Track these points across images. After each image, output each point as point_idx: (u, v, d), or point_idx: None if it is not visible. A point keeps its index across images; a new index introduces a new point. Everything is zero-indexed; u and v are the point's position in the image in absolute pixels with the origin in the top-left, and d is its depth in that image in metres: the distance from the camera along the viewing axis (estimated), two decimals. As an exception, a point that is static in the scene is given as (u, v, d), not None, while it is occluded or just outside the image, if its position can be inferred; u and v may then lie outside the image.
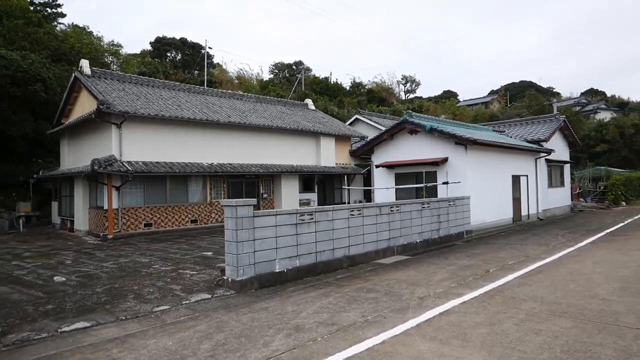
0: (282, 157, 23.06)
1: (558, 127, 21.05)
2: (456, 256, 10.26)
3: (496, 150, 16.19)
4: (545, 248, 10.95)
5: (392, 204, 11.03)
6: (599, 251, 10.16)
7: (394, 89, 71.45)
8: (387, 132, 16.31)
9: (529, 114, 47.79)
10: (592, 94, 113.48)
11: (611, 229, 14.49)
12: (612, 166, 45.94)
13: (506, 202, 16.88)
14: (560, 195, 22.13)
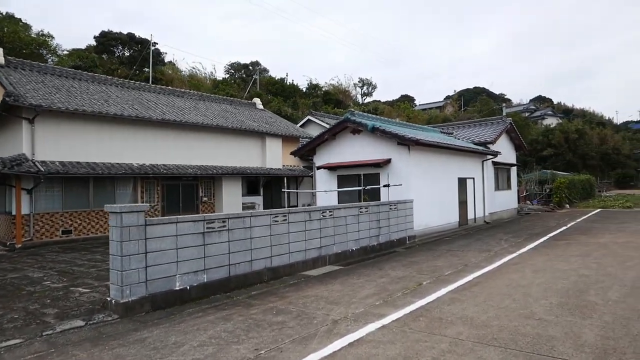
0: (224, 158, 21.70)
1: (504, 129, 20.89)
2: (392, 266, 9.39)
3: (441, 151, 15.62)
4: (487, 255, 10.29)
5: (324, 208, 10.04)
6: (540, 258, 9.58)
7: (350, 92, 71.24)
8: (329, 132, 15.37)
9: (480, 118, 48.53)
10: (540, 101, 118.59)
11: (554, 233, 14.17)
12: (557, 169, 47.42)
13: (452, 205, 16.34)
14: (507, 198, 22.01)
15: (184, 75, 56.45)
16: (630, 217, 18.96)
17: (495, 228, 16.64)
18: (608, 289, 6.51)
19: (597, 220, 17.98)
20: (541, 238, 13.02)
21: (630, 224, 16.12)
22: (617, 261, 8.78)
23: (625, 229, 14.56)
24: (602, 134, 62.06)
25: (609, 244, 11.17)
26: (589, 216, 20.17)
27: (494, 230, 15.93)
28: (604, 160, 60.25)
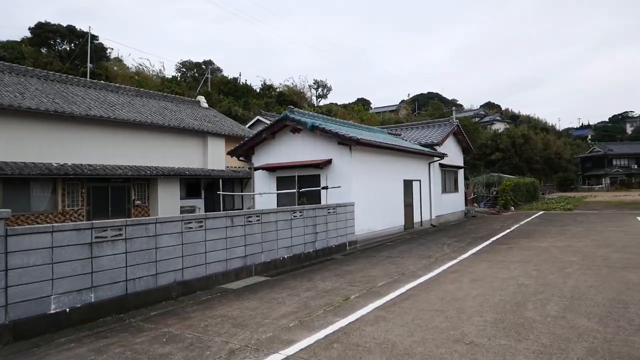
0: (160, 158, 20.21)
1: (451, 131, 20.70)
2: (323, 276, 8.52)
3: (386, 152, 15.01)
4: (427, 262, 9.64)
5: (250, 213, 9.04)
6: (481, 264, 9.03)
7: (305, 93, 70.50)
8: (267, 130, 14.38)
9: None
10: (490, 107, 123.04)
11: (497, 236, 13.87)
12: (505, 173, 48.68)
13: (397, 208, 15.77)
14: (454, 200, 21.85)
15: (131, 72, 53.74)
16: (570, 219, 19.18)
17: (440, 232, 16.22)
18: (547, 302, 5.92)
19: (539, 223, 18.01)
20: (484, 242, 12.61)
21: (571, 226, 16.16)
22: (557, 267, 8.34)
23: (566, 231, 14.50)
24: (545, 139, 64.60)
25: (550, 249, 10.84)
26: (532, 218, 20.30)
27: (439, 234, 15.49)
28: (547, 164, 62.75)
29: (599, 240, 11.96)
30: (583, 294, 6.31)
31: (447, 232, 15.78)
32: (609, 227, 15.41)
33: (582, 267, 8.24)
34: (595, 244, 11.30)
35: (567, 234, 13.70)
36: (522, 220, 19.35)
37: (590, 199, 35.58)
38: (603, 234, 13.37)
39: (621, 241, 11.68)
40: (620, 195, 39.97)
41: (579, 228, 15.38)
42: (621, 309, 5.45)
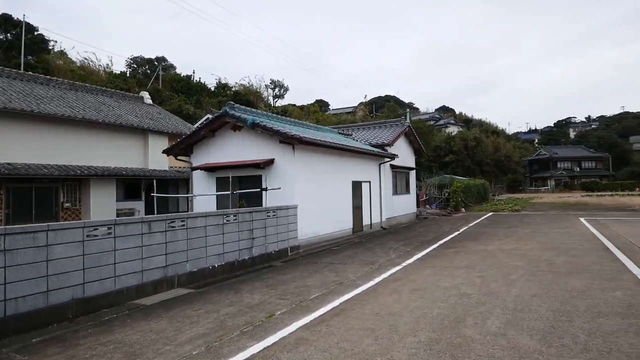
0: (95, 157, 18.66)
1: (402, 132, 20.39)
2: (254, 287, 7.70)
3: (333, 152, 14.37)
4: (369, 269, 9.02)
5: (173, 217, 8.07)
6: (425, 271, 8.50)
7: (262, 93, 69.25)
8: (207, 127, 13.36)
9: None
10: (444, 111, 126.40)
11: (445, 239, 13.53)
12: (458, 174, 49.57)
13: (345, 211, 15.16)
14: (406, 202, 21.57)
15: (75, 66, 50.66)
16: (518, 220, 19.31)
17: (390, 235, 15.76)
18: (489, 315, 5.38)
19: (488, 225, 17.97)
20: (432, 245, 12.20)
21: (518, 228, 16.15)
22: (502, 274, 7.92)
23: (512, 233, 14.39)
24: (496, 142, 66.61)
25: (496, 252, 10.52)
26: (481, 220, 20.32)
27: (388, 237, 15.02)
28: (497, 166, 64.67)
29: (545, 243, 11.81)
30: (526, 304, 5.84)
31: (396, 235, 15.34)
32: (554, 228, 15.48)
33: (527, 273, 7.86)
34: (541, 247, 11.11)
35: (514, 236, 13.56)
36: (471, 222, 19.28)
37: (537, 200, 36.66)
38: (548, 236, 13.31)
39: (565, 243, 11.58)
40: (564, 197, 41.53)
41: (525, 230, 15.35)
42: (565, 323, 4.98)
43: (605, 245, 10.92)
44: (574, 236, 13.05)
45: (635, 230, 14.01)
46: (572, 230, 14.76)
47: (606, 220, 17.98)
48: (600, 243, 11.43)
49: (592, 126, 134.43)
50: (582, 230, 14.49)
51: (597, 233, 13.54)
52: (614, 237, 12.42)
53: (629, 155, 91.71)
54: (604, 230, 14.34)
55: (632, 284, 6.79)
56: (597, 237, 12.56)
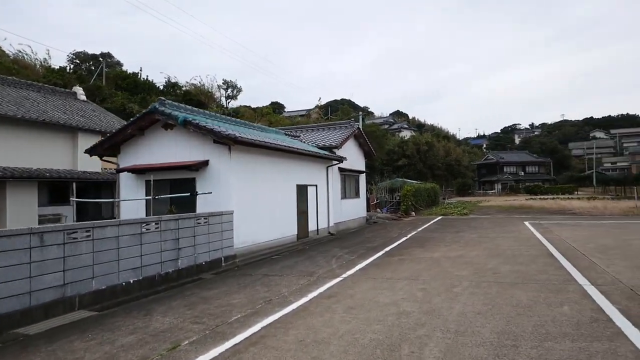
0: (13, 156, 16.78)
1: (352, 134, 19.84)
2: (170, 307, 6.68)
3: (276, 154, 13.50)
4: (306, 281, 8.21)
5: (74, 227, 6.90)
6: (365, 284, 7.80)
7: (214, 94, 67.20)
8: (134, 125, 12.09)
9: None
10: (398, 116, 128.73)
11: (392, 246, 12.99)
12: (410, 178, 50.01)
13: (289, 216, 14.31)
14: (355, 206, 21.02)
15: (7, 59, 46.85)
16: (465, 224, 19.22)
17: (336, 241, 15.07)
18: (427, 341, 4.69)
19: (436, 229, 17.70)
20: (377, 253, 11.58)
21: (465, 232, 15.94)
22: (446, 286, 7.34)
23: (459, 239, 14.08)
24: (447, 146, 68.08)
25: (441, 260, 10.02)
26: (430, 224, 20.10)
27: (334, 243, 14.31)
28: (448, 170, 66.11)
29: (491, 249, 11.49)
30: (469, 324, 5.22)
31: (342, 242, 14.66)
32: (501, 233, 15.36)
33: (472, 285, 7.33)
34: (487, 254, 10.75)
35: (460, 242, 13.22)
36: (420, 227, 18.98)
37: (485, 204, 37.42)
38: (495, 241, 13.07)
39: (511, 249, 11.30)
40: (510, 200, 42.75)
41: (472, 235, 15.12)
42: (511, 349, 4.37)
43: (549, 251, 10.71)
44: (520, 241, 12.87)
45: (576, 234, 14.08)
46: (518, 234, 14.67)
47: (549, 224, 18.20)
48: (545, 249, 11.24)
49: (535, 133, 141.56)
50: (527, 235, 14.42)
51: (542, 238, 13.46)
52: (557, 242, 12.32)
53: (568, 160, 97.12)
54: (547, 234, 14.33)
55: (578, 296, 6.37)
56: (542, 242, 12.42)
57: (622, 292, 6.52)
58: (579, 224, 18.06)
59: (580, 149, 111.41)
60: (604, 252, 10.43)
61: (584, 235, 13.95)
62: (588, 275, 7.73)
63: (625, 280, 7.25)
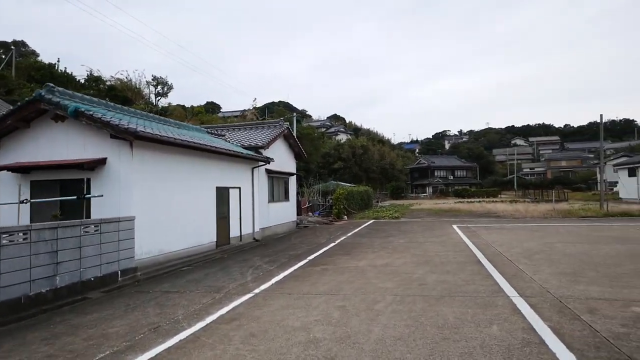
0: None
1: (280, 134, 18.81)
2: (24, 341, 5.25)
3: (192, 154, 12.14)
4: (210, 300, 7.04)
5: None
6: (277, 301, 6.77)
7: (143, 90, 63.28)
8: (14, 116, 10.17)
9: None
10: (336, 119, 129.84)
11: (318, 253, 12.11)
12: (346, 181, 49.86)
13: (207, 222, 12.97)
14: (284, 210, 19.99)
15: None
16: (396, 228, 18.87)
17: (260, 248, 13.94)
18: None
19: (366, 234, 17.12)
20: (300, 262, 10.62)
21: (394, 237, 15.46)
22: (367, 302, 6.51)
23: (388, 244, 13.51)
24: (381, 150, 69.17)
25: (367, 270, 9.26)
26: (361, 228, 19.55)
27: (257, 251, 13.18)
28: (383, 174, 67.16)
29: (419, 256, 10.95)
30: (388, 354, 4.36)
31: (266, 249, 13.56)
32: (429, 237, 15.04)
33: (396, 300, 6.56)
34: (415, 261, 10.16)
35: (389, 248, 12.63)
36: (350, 231, 18.34)
37: (416, 207, 37.93)
38: (423, 247, 12.61)
39: (439, 256, 10.82)
40: (440, 203, 43.85)
41: (401, 240, 14.65)
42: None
43: (477, 258, 10.33)
44: (448, 246, 12.51)
45: (502, 238, 14.05)
46: (446, 239, 14.39)
47: (476, 227, 18.29)
48: (472, 254, 10.87)
49: (463, 139, 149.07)
50: (455, 240, 14.17)
51: (469, 242, 13.22)
52: (484, 247, 12.08)
53: (492, 165, 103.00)
54: (475, 238, 14.17)
55: (508, 311, 5.77)
56: (470, 248, 12.12)
57: (552, 305, 6.03)
58: (504, 227, 18.32)
59: (503, 155, 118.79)
60: (530, 257, 10.22)
61: (509, 238, 13.94)
62: (516, 285, 7.26)
63: (553, 290, 6.84)
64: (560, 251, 10.99)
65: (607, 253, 10.48)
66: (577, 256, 10.15)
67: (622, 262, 9.17)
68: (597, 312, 5.59)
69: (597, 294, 6.59)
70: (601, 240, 12.96)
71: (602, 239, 13.23)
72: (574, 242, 12.57)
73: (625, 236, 13.76)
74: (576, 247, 11.67)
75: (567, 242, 12.60)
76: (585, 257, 9.93)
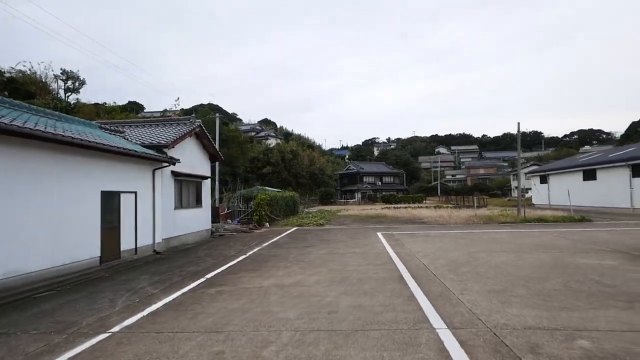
0: None
1: (191, 132, 16.74)
2: None
3: (68, 151, 9.88)
4: (42, 345, 5.09)
5: None
6: (133, 347, 4.98)
7: (50, 85, 57.10)
8: None
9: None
10: (267, 124, 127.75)
11: (221, 269, 10.32)
12: (274, 186, 48.12)
13: (84, 232, 10.67)
14: (196, 217, 17.88)
15: None
16: (318, 237, 17.52)
17: (156, 263, 11.86)
18: None
19: (285, 244, 15.56)
20: (195, 282, 8.80)
21: (314, 247, 14.07)
22: (255, 345, 4.92)
23: (305, 256, 12.04)
24: (311, 155, 68.27)
25: (270, 291, 7.67)
26: (281, 237, 17.96)
27: (150, 267, 11.11)
28: (312, 179, 66.24)
29: (336, 271, 9.56)
30: None
31: (161, 264, 11.52)
32: (352, 247, 13.81)
33: (293, 340, 5.04)
34: (330, 278, 8.75)
35: (304, 261, 11.15)
36: (269, 240, 16.69)
37: (344, 213, 37.13)
38: (343, 259, 11.29)
39: (358, 270, 9.52)
40: (367, 209, 43.54)
41: (321, 250, 13.27)
42: None
43: (400, 273, 9.13)
44: (370, 258, 11.30)
45: (427, 248, 13.17)
46: (369, 249, 13.23)
47: (401, 235, 17.46)
48: (395, 269, 9.67)
49: (391, 146, 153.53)
50: (378, 250, 13.04)
51: (393, 253, 12.12)
52: (408, 259, 11.01)
53: (418, 172, 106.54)
54: (398, 248, 13.15)
55: (434, 354, 4.47)
56: (393, 260, 10.97)
57: (485, 341, 4.83)
58: (429, 234, 17.67)
59: (428, 162, 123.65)
60: (455, 270, 9.23)
61: (433, 248, 13.08)
62: (442, 311, 6.05)
63: (484, 317, 5.70)
64: (486, 262, 10.17)
65: (532, 264, 9.80)
66: (504, 268, 9.34)
67: (549, 276, 8.42)
68: (540, 351, 4.46)
69: (534, 320, 5.54)
70: (524, 248, 12.47)
71: (525, 247, 12.77)
72: (498, 251, 11.92)
73: (545, 243, 13.47)
74: (501, 256, 10.97)
75: (492, 252, 11.92)
76: (512, 270, 9.12)
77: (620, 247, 12.26)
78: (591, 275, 8.31)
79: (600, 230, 17.32)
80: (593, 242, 13.39)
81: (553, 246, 12.80)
